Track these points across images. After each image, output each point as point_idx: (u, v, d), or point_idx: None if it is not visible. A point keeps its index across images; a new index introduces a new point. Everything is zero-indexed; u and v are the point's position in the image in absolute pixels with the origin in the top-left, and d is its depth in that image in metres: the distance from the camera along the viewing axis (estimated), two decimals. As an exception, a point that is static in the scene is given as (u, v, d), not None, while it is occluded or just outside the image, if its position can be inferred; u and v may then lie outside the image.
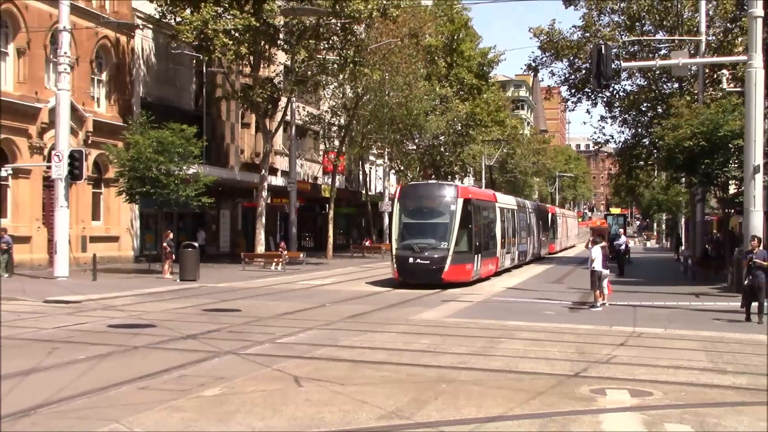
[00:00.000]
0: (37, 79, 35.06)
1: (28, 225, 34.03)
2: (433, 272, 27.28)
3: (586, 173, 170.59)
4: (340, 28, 41.59)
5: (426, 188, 31.37)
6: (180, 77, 45.25)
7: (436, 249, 27.70)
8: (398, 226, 28.71)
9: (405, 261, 27.66)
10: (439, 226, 28.30)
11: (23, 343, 14.26)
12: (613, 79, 31.75)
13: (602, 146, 51.81)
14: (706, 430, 8.46)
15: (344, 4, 37.94)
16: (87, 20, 36.59)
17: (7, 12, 33.50)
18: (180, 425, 8.37)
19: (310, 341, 14.89)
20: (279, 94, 43.18)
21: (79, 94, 35.76)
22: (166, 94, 43.98)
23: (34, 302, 21.60)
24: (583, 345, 14.63)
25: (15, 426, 8.40)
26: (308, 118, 55.32)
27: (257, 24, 37.06)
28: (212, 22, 35.89)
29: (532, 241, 46.48)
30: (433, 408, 9.37)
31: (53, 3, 31.92)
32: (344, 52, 42.18)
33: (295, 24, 40.01)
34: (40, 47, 34.92)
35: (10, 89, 33.88)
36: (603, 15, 44.66)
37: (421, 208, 29.06)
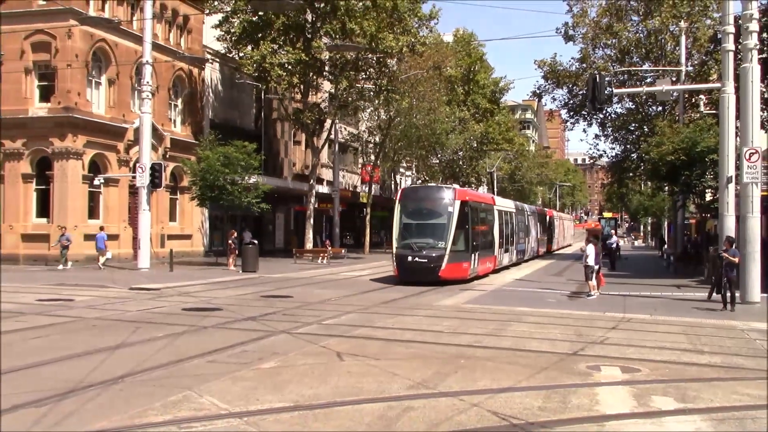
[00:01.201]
0: (125, 104, 35.40)
1: (117, 225, 34.36)
2: (431, 270, 24.69)
3: (582, 183, 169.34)
4: (375, 62, 41.66)
5: (425, 191, 28.97)
6: (242, 102, 45.49)
7: (434, 248, 25.02)
8: (398, 226, 26.02)
9: (404, 259, 25.03)
10: (436, 226, 25.66)
11: (112, 323, 14.36)
12: (606, 104, 31.46)
13: (597, 160, 51.48)
14: (686, 402, 8.31)
15: (379, 41, 38.00)
16: (165, 55, 36.88)
17: (100, 49, 33.87)
18: (242, 393, 8.35)
19: (350, 323, 14.85)
20: (324, 117, 43.29)
21: (159, 116, 36.04)
22: (231, 117, 44.21)
23: (121, 289, 21.75)
24: (580, 328, 14.44)
25: (108, 390, 8.45)
26: (349, 136, 55.48)
27: (307, 58, 37.27)
28: (269, 57, 36.17)
29: (531, 241, 43.50)
30: (453, 380, 9.29)
31: (138, 41, 32.23)
32: (379, 81, 42.27)
33: (338, 58, 40.13)
34: (126, 78, 35.27)
35: (103, 112, 34.27)
36: (597, 49, 44.37)
37: (420, 209, 26.38)
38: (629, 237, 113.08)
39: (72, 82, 32.07)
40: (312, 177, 43.00)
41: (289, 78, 37.73)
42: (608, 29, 42.21)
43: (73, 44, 32.08)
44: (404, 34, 40.00)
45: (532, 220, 44.41)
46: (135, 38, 33.78)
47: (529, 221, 42.69)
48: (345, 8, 37.25)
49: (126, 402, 7.91)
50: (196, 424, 7.07)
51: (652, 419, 7.63)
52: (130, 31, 34.66)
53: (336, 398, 8.17)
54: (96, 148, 33.38)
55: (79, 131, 32.28)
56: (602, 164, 57.09)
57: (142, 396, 8.18)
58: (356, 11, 37.78)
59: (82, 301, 18.33)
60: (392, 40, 38.20)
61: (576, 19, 43.58)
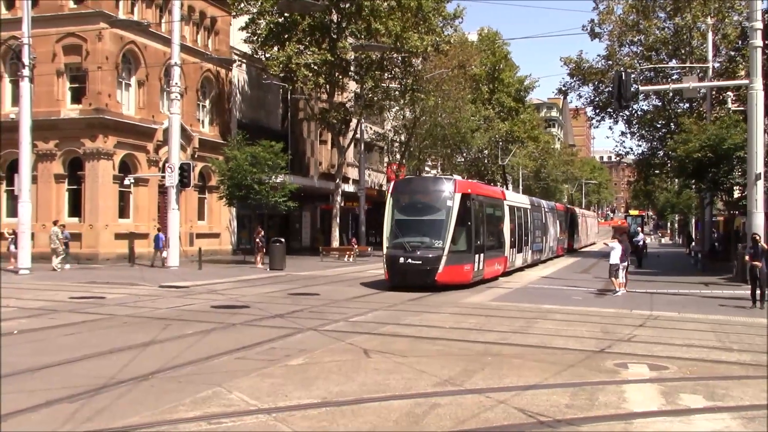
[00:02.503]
0: (154, 105, 35.73)
1: (147, 224, 34.68)
2: (426, 273, 21.28)
3: (608, 180, 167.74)
4: (400, 61, 41.66)
5: (420, 183, 25.39)
6: (269, 102, 45.71)
7: (430, 248, 21.61)
8: (390, 223, 22.58)
9: (395, 261, 21.58)
10: (433, 223, 22.24)
11: (143, 320, 14.49)
12: (632, 101, 31.21)
13: (623, 158, 51.06)
14: (715, 400, 8.20)
15: (404, 41, 37.96)
16: (193, 57, 37.16)
17: (130, 51, 34.23)
18: (270, 389, 8.38)
19: (377, 320, 14.85)
20: (350, 116, 43.32)
21: (187, 117, 36.32)
22: (258, 117, 44.45)
23: (151, 287, 21.92)
24: (607, 325, 14.32)
25: (139, 386, 8.53)
26: (374, 135, 55.50)
27: (332, 59, 37.35)
28: (295, 58, 36.32)
29: (549, 240, 39.85)
30: (480, 377, 9.25)
31: (166, 43, 32.49)
32: (404, 81, 42.24)
33: (363, 58, 40.15)
34: (156, 79, 35.59)
35: (132, 114, 34.63)
36: (623, 46, 44.01)
37: (414, 203, 22.97)
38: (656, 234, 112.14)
39: (102, 83, 32.42)
40: (338, 176, 43.10)
41: (315, 78, 37.85)
42: (635, 26, 41.86)
43: (103, 47, 32.44)
44: (429, 34, 39.92)
45: (550, 217, 41.06)
46: (163, 40, 34.06)
47: (546, 218, 39.41)
48: (370, 8, 37.26)
49: (156, 398, 7.98)
50: (226, 420, 7.11)
51: (681, 417, 7.54)
52: (158, 33, 34.97)
53: (363, 395, 8.17)
54: (126, 149, 33.74)
55: (110, 132, 32.64)
56: (628, 162, 56.62)
57: (172, 392, 8.24)
58: (381, 11, 37.77)
59: (113, 298, 18.53)
60: (417, 40, 38.15)
61: (602, 16, 43.27)
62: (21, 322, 13.89)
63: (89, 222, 32.12)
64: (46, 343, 11.77)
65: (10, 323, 13.70)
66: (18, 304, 16.86)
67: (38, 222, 31.45)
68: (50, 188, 32.92)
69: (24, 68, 26.39)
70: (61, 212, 33.16)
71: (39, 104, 30.33)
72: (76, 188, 33.17)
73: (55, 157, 32.93)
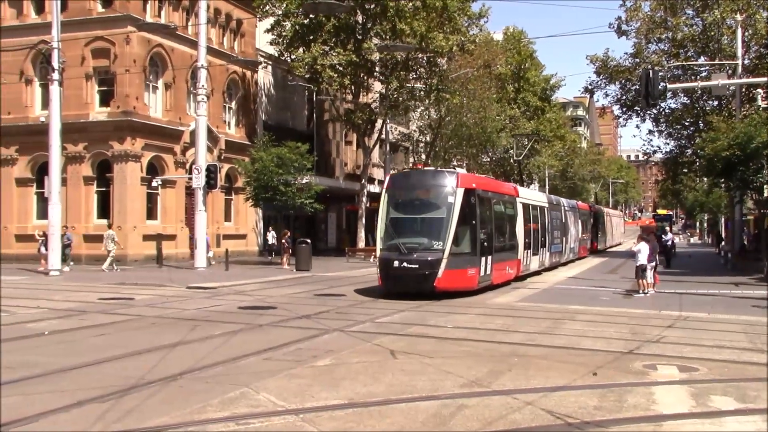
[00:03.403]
0: (181, 107, 36.05)
1: (174, 225, 35.00)
2: (423, 279, 19.00)
3: (636, 179, 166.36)
4: (425, 61, 41.58)
5: (418, 177, 22.29)
6: (294, 104, 45.91)
7: (428, 250, 19.31)
8: (384, 222, 20.33)
9: (389, 265, 19.34)
10: (432, 221, 20.02)
11: (171, 321, 14.63)
12: (660, 99, 30.81)
13: (650, 156, 50.55)
14: (747, 402, 8.09)
15: (429, 41, 37.92)
16: (220, 59, 37.43)
17: (157, 54, 34.57)
18: (297, 390, 8.41)
19: (403, 321, 14.84)
20: (375, 117, 43.34)
21: (213, 119, 36.59)
22: (284, 118, 44.66)
23: (178, 288, 22.08)
24: (635, 326, 14.19)
25: (168, 387, 8.59)
26: (400, 136, 55.46)
27: (357, 59, 37.42)
28: (320, 59, 36.43)
29: (569, 241, 37.19)
30: (507, 378, 9.21)
31: (193, 45, 32.77)
32: (429, 81, 42.17)
33: (388, 59, 40.16)
34: (182, 81, 35.92)
35: (160, 116, 34.98)
36: (651, 43, 43.56)
37: (411, 200, 20.65)
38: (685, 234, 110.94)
39: (130, 86, 32.77)
40: (363, 176, 43.16)
41: (340, 79, 37.96)
42: (662, 23, 41.41)
43: (131, 50, 32.79)
44: (454, 34, 39.83)
45: (570, 216, 38.38)
46: (190, 43, 34.34)
47: (566, 218, 36.70)
48: (395, 9, 37.26)
49: (185, 398, 8.04)
50: (254, 420, 7.15)
51: (711, 419, 7.45)
52: (185, 36, 35.27)
53: (390, 396, 8.17)
54: (153, 151, 34.07)
55: (138, 134, 32.99)
56: (656, 160, 56.10)
57: (200, 393, 8.30)
58: (406, 12, 37.76)
59: (141, 299, 18.72)
60: (442, 40, 38.07)
61: (629, 13, 42.88)
62: (51, 323, 14.08)
63: (118, 223, 32.44)
64: (76, 344, 11.93)
65: (41, 324, 13.91)
66: (48, 305, 17.11)
67: (68, 223, 31.83)
68: (79, 190, 33.34)
69: (54, 72, 26.75)
70: (90, 214, 33.58)
71: (68, 107, 30.72)
72: (104, 190, 33.58)
73: (84, 160, 33.33)
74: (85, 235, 33.20)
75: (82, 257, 32.63)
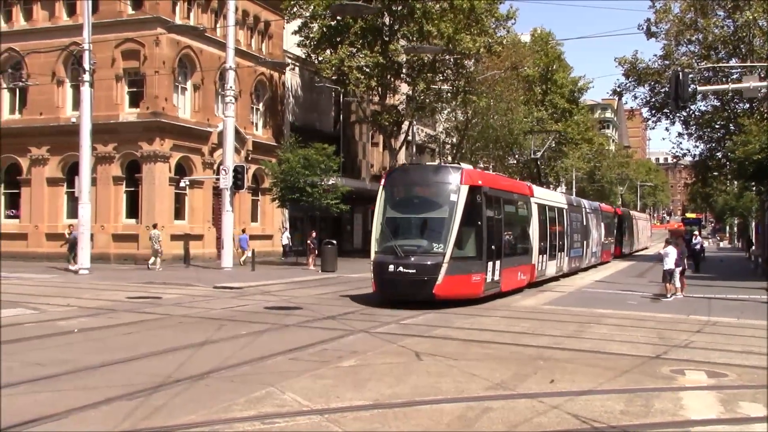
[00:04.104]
0: (209, 108, 36.35)
1: (201, 225, 35.28)
2: (421, 284, 17.28)
3: (664, 183, 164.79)
4: (452, 63, 41.53)
5: (418, 172, 20.32)
6: (321, 105, 46.09)
7: (428, 253, 17.62)
8: (380, 222, 18.72)
9: (384, 269, 17.66)
10: (433, 222, 18.39)
11: (198, 321, 14.75)
12: (690, 102, 30.52)
13: (680, 159, 50.12)
14: (777, 409, 7.99)
15: (456, 43, 37.85)
16: (248, 60, 37.67)
17: (186, 56, 34.90)
18: (323, 390, 8.44)
19: (428, 323, 14.83)
20: (402, 119, 43.38)
21: (241, 120, 36.82)
22: (310, 119, 44.83)
23: (205, 287, 22.24)
24: (662, 331, 14.05)
25: (194, 385, 8.69)
26: (426, 137, 55.45)
27: (384, 61, 37.49)
28: (347, 61, 36.56)
29: (591, 245, 35.16)
30: (532, 381, 9.18)
31: (221, 47, 33.00)
32: (456, 82, 42.12)
33: (415, 60, 40.15)
34: (211, 83, 36.22)
35: (188, 117, 35.30)
36: (681, 45, 43.15)
37: (410, 198, 19.04)
38: (714, 238, 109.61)
39: (159, 88, 33.11)
40: (389, 178, 43.15)
41: (367, 81, 38.03)
42: (692, 25, 40.98)
43: (160, 52, 33.13)
44: (481, 35, 39.73)
45: (593, 218, 36.32)
46: (219, 44, 34.61)
47: (588, 220, 34.73)
48: (422, 11, 37.28)
49: (212, 397, 8.12)
50: (279, 420, 7.20)
51: (740, 426, 7.37)
52: (214, 38, 35.56)
53: (415, 397, 8.18)
54: (182, 151, 34.39)
55: (166, 135, 33.32)
56: (685, 163, 55.51)
57: (226, 391, 8.36)
58: (433, 13, 37.75)
59: (169, 298, 18.90)
60: (469, 41, 38.00)
61: (659, 15, 42.51)
62: (81, 321, 14.29)
63: (146, 223, 32.80)
64: (105, 342, 12.09)
65: (70, 322, 14.11)
66: (78, 303, 17.34)
67: (97, 223, 32.25)
68: (109, 190, 33.73)
69: (85, 73, 27.09)
70: (119, 213, 33.97)
71: (98, 108, 31.10)
72: (133, 190, 33.95)
73: (114, 160, 33.73)
74: (114, 235, 33.60)
75: (110, 256, 33.02)
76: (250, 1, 38.91)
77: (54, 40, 33.75)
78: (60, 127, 34.06)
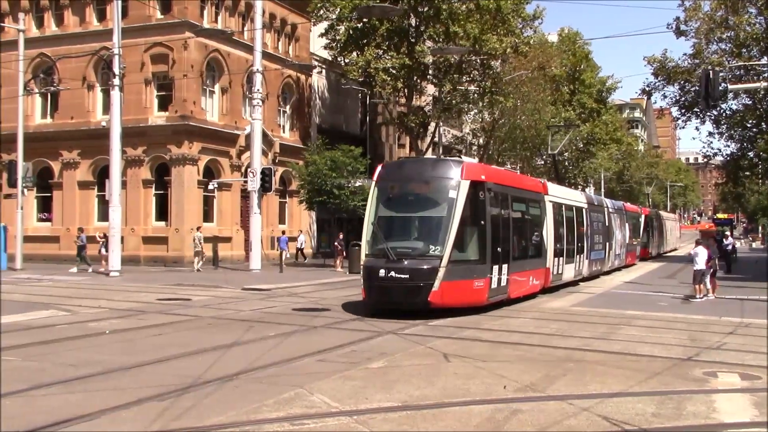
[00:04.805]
0: (236, 111, 36.61)
1: (229, 228, 35.53)
2: (415, 292, 15.62)
3: (695, 183, 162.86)
4: (479, 64, 41.37)
5: (415, 166, 19.05)
6: (348, 107, 46.19)
7: (423, 256, 15.90)
8: (372, 221, 16.83)
9: (374, 274, 15.95)
10: (430, 221, 16.72)
11: (227, 322, 14.86)
12: (721, 100, 30.10)
13: (710, 159, 49.46)
14: (813, 412, 7.84)
15: (482, 43, 37.70)
16: (275, 63, 37.85)
17: (214, 59, 35.19)
18: (351, 391, 8.46)
19: (456, 324, 14.77)
20: (428, 120, 43.31)
21: (268, 122, 37.02)
22: (337, 121, 44.96)
23: (234, 289, 22.40)
24: (694, 333, 13.89)
25: (224, 386, 8.74)
26: (453, 139, 55.35)
27: (410, 63, 37.44)
28: (374, 63, 36.59)
29: (614, 246, 33.26)
30: (562, 383, 9.12)
31: (249, 50, 33.23)
32: (483, 83, 41.94)
33: (441, 62, 40.05)
34: (238, 86, 36.48)
35: (216, 120, 35.58)
36: (711, 43, 42.54)
37: (405, 194, 17.22)
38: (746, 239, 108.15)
39: (188, 91, 33.42)
40: (416, 180, 43.10)
41: (394, 82, 38.03)
42: (723, 22, 40.44)
43: (188, 55, 33.44)
44: (508, 35, 39.55)
45: (616, 218, 34.36)
46: (246, 47, 34.85)
47: (611, 220, 32.68)
48: (448, 12, 37.19)
49: (241, 398, 8.17)
50: (308, 421, 7.22)
51: (775, 429, 7.25)
52: (241, 41, 35.81)
53: (444, 399, 8.17)
54: (210, 154, 34.67)
55: (195, 138, 33.61)
56: (716, 163, 54.79)
57: (255, 393, 8.41)
58: (459, 14, 37.65)
59: (198, 300, 19.05)
60: (496, 42, 37.84)
61: (689, 13, 41.97)
62: (112, 323, 14.47)
63: (175, 226, 33.12)
64: (136, 343, 12.22)
65: (102, 323, 14.30)
66: (109, 305, 17.56)
67: (127, 225, 32.60)
68: (138, 193, 34.10)
69: (115, 77, 27.41)
70: (148, 216, 34.32)
71: (128, 112, 31.48)
72: (162, 193, 34.30)
73: (143, 163, 34.09)
74: (144, 237, 33.97)
75: (140, 258, 33.36)
76: (277, 4, 39.14)
77: (84, 45, 34.16)
78: (90, 131, 34.52)
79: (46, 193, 36.65)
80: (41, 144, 35.00)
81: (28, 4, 36.61)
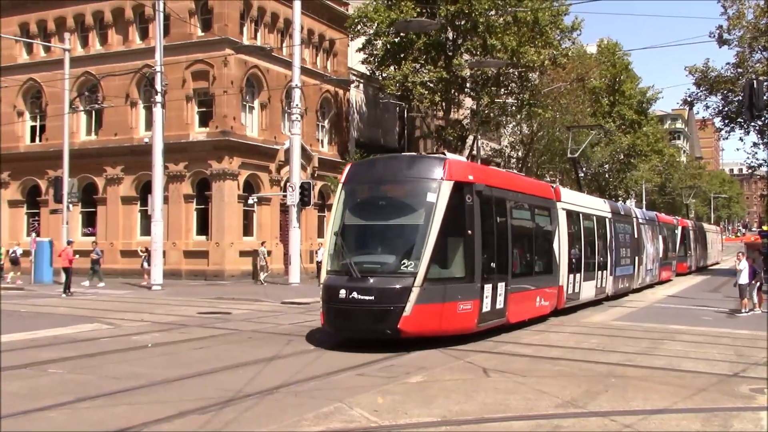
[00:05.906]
0: (275, 126, 36.97)
1: (269, 241, 35.75)
2: (381, 317, 12.67)
3: (739, 194, 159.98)
4: (517, 76, 41.29)
5: (388, 164, 15.02)
6: (386, 121, 46.35)
7: (393, 274, 12.93)
8: (335, 231, 13.94)
9: (333, 295, 13.09)
10: (402, 230, 13.73)
11: (266, 336, 14.96)
12: (765, 110, 29.55)
13: (755, 170, 48.57)
14: None
15: (520, 56, 37.63)
16: (313, 78, 38.19)
17: (253, 75, 35.63)
18: (390, 406, 8.46)
19: (495, 339, 14.66)
20: (466, 133, 43.31)
21: (307, 137, 37.29)
22: (375, 135, 45.12)
23: (273, 303, 22.55)
24: (740, 348, 13.60)
25: (264, 400, 8.81)
26: (491, 152, 55.08)
27: (448, 76, 37.50)
28: (411, 77, 36.73)
29: (646, 261, 30.02)
30: (604, 399, 9.01)
31: (287, 66, 33.58)
32: (521, 96, 41.85)
33: (479, 74, 40.05)
34: (277, 101, 36.86)
35: (256, 135, 35.98)
36: (755, 52, 41.89)
37: (375, 199, 14.27)
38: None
39: (228, 107, 33.86)
40: (455, 193, 43.04)
41: (431, 96, 38.11)
42: (767, 31, 39.82)
43: (228, 72, 33.90)
44: (546, 47, 39.43)
45: (647, 230, 31.15)
46: (285, 63, 35.22)
47: (641, 232, 29.54)
48: (485, 25, 37.18)
49: (281, 412, 8.22)
50: (348, 435, 7.25)
51: (825, 448, 7.08)
52: (280, 57, 36.21)
53: (483, 414, 8.12)
54: (250, 169, 35.04)
55: (235, 153, 34.01)
56: (761, 174, 53.78)
57: (295, 406, 8.47)
58: (497, 27, 37.64)
59: (238, 314, 19.22)
60: (534, 54, 37.74)
61: (731, 21, 41.41)
62: (154, 336, 14.67)
63: (215, 240, 33.46)
64: (177, 356, 12.38)
65: (144, 336, 14.51)
66: (151, 319, 17.81)
67: (169, 240, 33.06)
68: (180, 208, 34.57)
69: (157, 95, 27.93)
70: (190, 230, 34.76)
71: (170, 128, 31.98)
72: (203, 207, 34.72)
73: (185, 178, 34.58)
74: (185, 251, 34.37)
75: (182, 272, 33.78)
76: (315, 20, 39.52)
77: (128, 63, 34.85)
78: (133, 147, 35.16)
79: (90, 208, 37.36)
80: (86, 160, 35.71)
81: (73, 23, 37.51)
